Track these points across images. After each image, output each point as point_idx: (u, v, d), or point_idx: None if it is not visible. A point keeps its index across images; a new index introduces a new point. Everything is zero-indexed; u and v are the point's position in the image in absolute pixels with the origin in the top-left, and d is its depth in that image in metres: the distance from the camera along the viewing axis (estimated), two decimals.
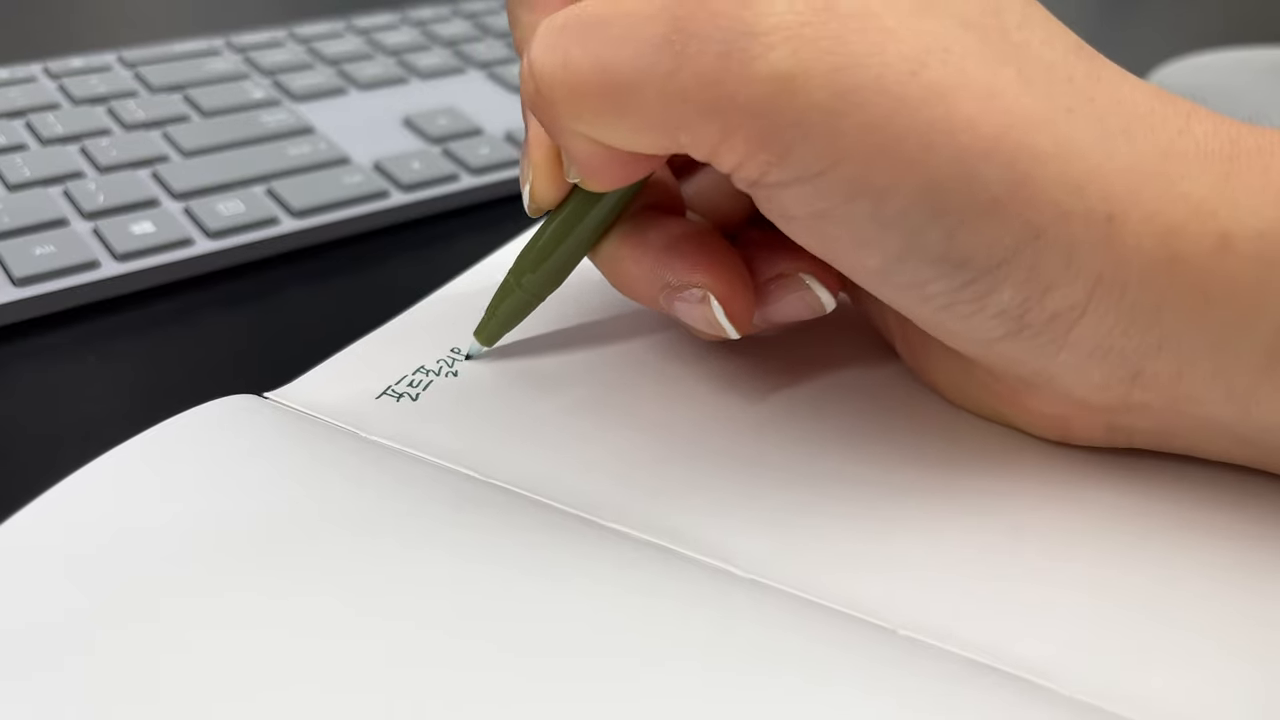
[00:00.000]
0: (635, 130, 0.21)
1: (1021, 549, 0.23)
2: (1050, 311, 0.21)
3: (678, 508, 0.24)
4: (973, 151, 0.20)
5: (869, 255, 0.21)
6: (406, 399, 0.26)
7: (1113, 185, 0.20)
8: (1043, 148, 0.20)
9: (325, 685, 0.19)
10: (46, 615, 0.20)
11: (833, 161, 0.20)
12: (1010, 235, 0.20)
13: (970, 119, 0.20)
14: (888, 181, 0.20)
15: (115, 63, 0.42)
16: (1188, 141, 0.21)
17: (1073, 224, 0.20)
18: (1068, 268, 0.21)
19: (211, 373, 0.29)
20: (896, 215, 0.20)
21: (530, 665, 0.19)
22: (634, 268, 0.25)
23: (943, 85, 0.20)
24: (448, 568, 0.21)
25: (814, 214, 0.21)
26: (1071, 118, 0.20)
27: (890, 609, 0.21)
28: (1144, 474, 0.25)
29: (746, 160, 0.21)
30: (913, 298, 0.22)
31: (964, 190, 0.20)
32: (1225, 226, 0.21)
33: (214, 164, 0.36)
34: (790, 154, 0.20)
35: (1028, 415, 0.25)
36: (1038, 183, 0.20)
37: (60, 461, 0.23)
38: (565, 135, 0.22)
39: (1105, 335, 0.22)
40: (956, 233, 0.20)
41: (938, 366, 0.26)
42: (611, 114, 0.21)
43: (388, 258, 0.34)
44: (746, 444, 0.25)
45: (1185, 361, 0.22)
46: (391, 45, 0.46)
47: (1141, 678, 0.20)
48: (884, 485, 0.24)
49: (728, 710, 0.19)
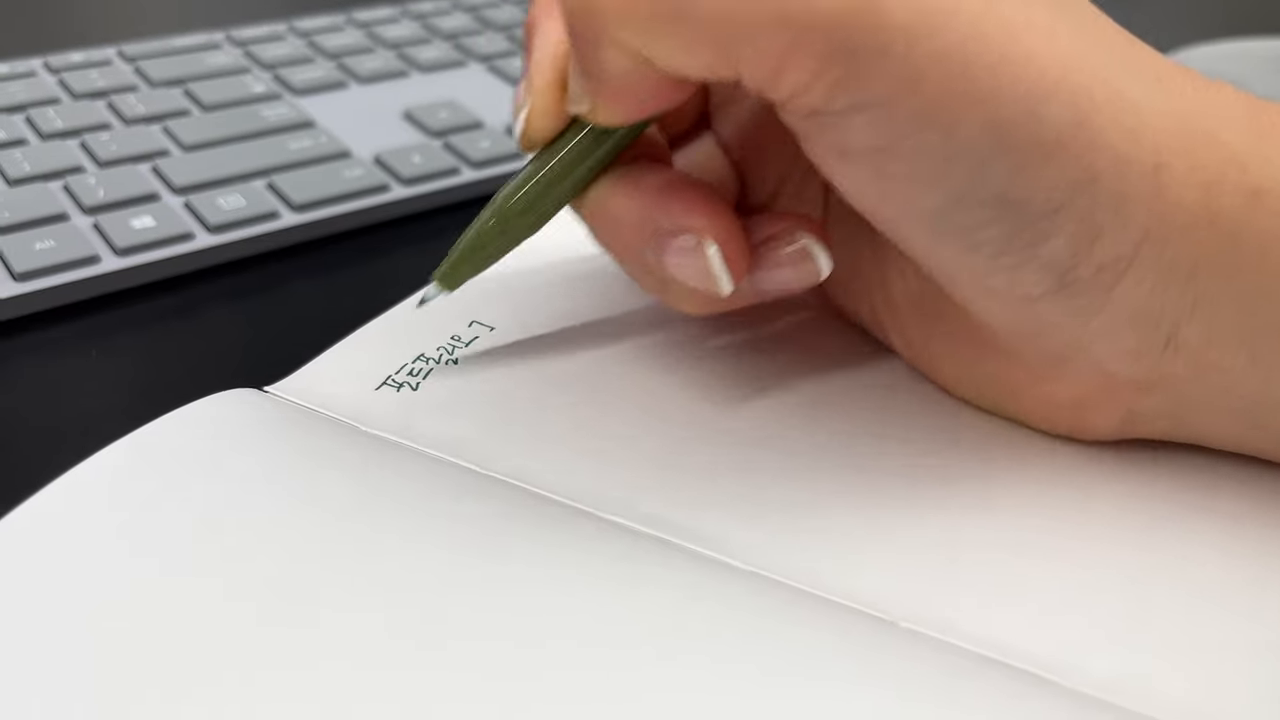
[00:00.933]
0: (691, 45, 0.20)
1: (1024, 541, 0.23)
2: (1097, 263, 0.21)
3: (678, 500, 0.24)
4: (1038, 90, 0.20)
5: (928, 194, 0.21)
6: (407, 389, 0.26)
7: (1161, 134, 0.21)
8: (1100, 94, 0.20)
9: (325, 677, 0.19)
10: (48, 610, 0.20)
11: (907, 85, 0.19)
12: (1067, 178, 0.20)
13: (1037, 59, 0.20)
14: (957, 115, 0.20)
15: (115, 57, 0.42)
16: (1218, 101, 0.22)
17: (1127, 172, 0.20)
18: (1117, 216, 0.21)
19: (212, 367, 0.29)
20: (962, 149, 0.20)
21: (529, 657, 0.19)
22: (625, 212, 0.24)
23: (1014, 22, 0.20)
24: (447, 561, 0.21)
25: (875, 148, 0.21)
26: (1125, 69, 0.21)
27: (891, 601, 0.21)
28: (1149, 465, 0.25)
29: (814, 81, 0.20)
30: (962, 245, 0.21)
31: (1028, 128, 0.20)
32: (1257, 182, 0.21)
33: (214, 158, 0.36)
34: (864, 74, 0.19)
35: (1041, 405, 0.25)
36: (1096, 126, 0.20)
37: (61, 456, 0.23)
38: (605, 48, 0.21)
39: (1145, 295, 0.21)
40: (1018, 172, 0.20)
41: (942, 358, 0.26)
42: (669, 22, 0.20)
43: (388, 251, 0.34)
44: (748, 437, 0.25)
45: (1215, 325, 0.22)
46: (392, 39, 0.46)
47: (1146, 670, 0.20)
48: (885, 477, 0.24)
49: (728, 702, 0.19)
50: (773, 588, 0.21)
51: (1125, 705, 0.19)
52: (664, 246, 0.23)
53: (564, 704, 0.19)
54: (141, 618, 0.20)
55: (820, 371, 0.27)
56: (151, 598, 0.20)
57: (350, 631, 0.20)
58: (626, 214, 0.24)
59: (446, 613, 0.20)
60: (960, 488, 0.24)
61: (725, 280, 0.23)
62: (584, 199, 0.25)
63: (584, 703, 0.19)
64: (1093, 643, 0.21)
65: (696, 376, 0.27)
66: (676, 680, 0.19)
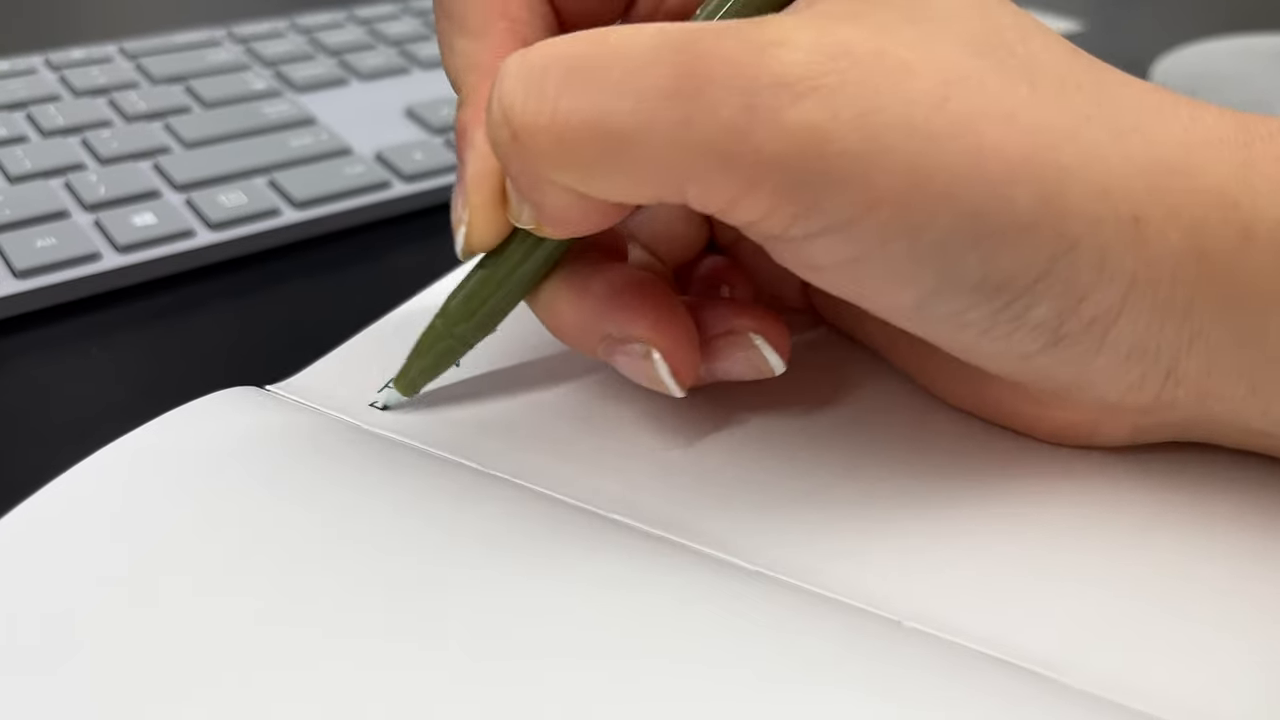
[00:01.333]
0: (633, 184, 0.20)
1: (1028, 540, 0.23)
2: (1088, 318, 0.21)
3: (681, 499, 0.23)
4: (1002, 177, 0.19)
5: (904, 293, 0.21)
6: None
7: (1133, 186, 0.20)
8: (1067, 161, 0.20)
9: (325, 676, 0.19)
10: (48, 607, 0.20)
11: (866, 208, 0.19)
12: (1046, 250, 0.20)
13: (996, 145, 0.19)
14: (923, 219, 0.19)
15: (116, 54, 0.42)
16: (1200, 129, 0.21)
17: (1103, 229, 0.20)
18: (1101, 272, 0.20)
19: (213, 365, 0.29)
20: (933, 249, 0.20)
21: (532, 656, 0.19)
22: (573, 316, 0.24)
23: (967, 115, 0.19)
24: (449, 560, 0.21)
25: (845, 261, 0.20)
26: (1090, 125, 0.20)
27: (896, 601, 0.21)
28: (1152, 465, 0.25)
29: (771, 213, 0.20)
30: (949, 327, 0.22)
31: (998, 215, 0.20)
32: (1247, 219, 0.20)
33: (215, 155, 0.36)
34: (821, 204, 0.19)
35: (1051, 425, 0.25)
36: (1067, 196, 0.20)
37: (62, 454, 0.23)
38: (541, 185, 0.21)
39: (1141, 334, 0.21)
40: (993, 257, 0.20)
41: (947, 384, 0.26)
42: (607, 167, 0.20)
43: (390, 248, 0.34)
44: (751, 435, 0.25)
45: (1213, 357, 0.22)
46: (393, 35, 0.46)
47: (1149, 669, 0.20)
48: (890, 476, 0.24)
49: (732, 701, 0.19)
50: (777, 587, 0.21)
51: (1129, 704, 0.19)
52: (612, 351, 0.23)
53: (567, 704, 0.19)
54: (142, 617, 0.20)
55: (821, 371, 0.27)
56: (152, 596, 0.20)
57: (351, 630, 0.20)
58: (576, 317, 0.24)
59: (448, 612, 0.20)
60: (965, 487, 0.24)
61: (674, 387, 0.23)
62: (535, 299, 0.24)
63: (587, 702, 0.19)
64: (1097, 641, 0.21)
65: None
66: (680, 679, 0.19)
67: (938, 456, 0.25)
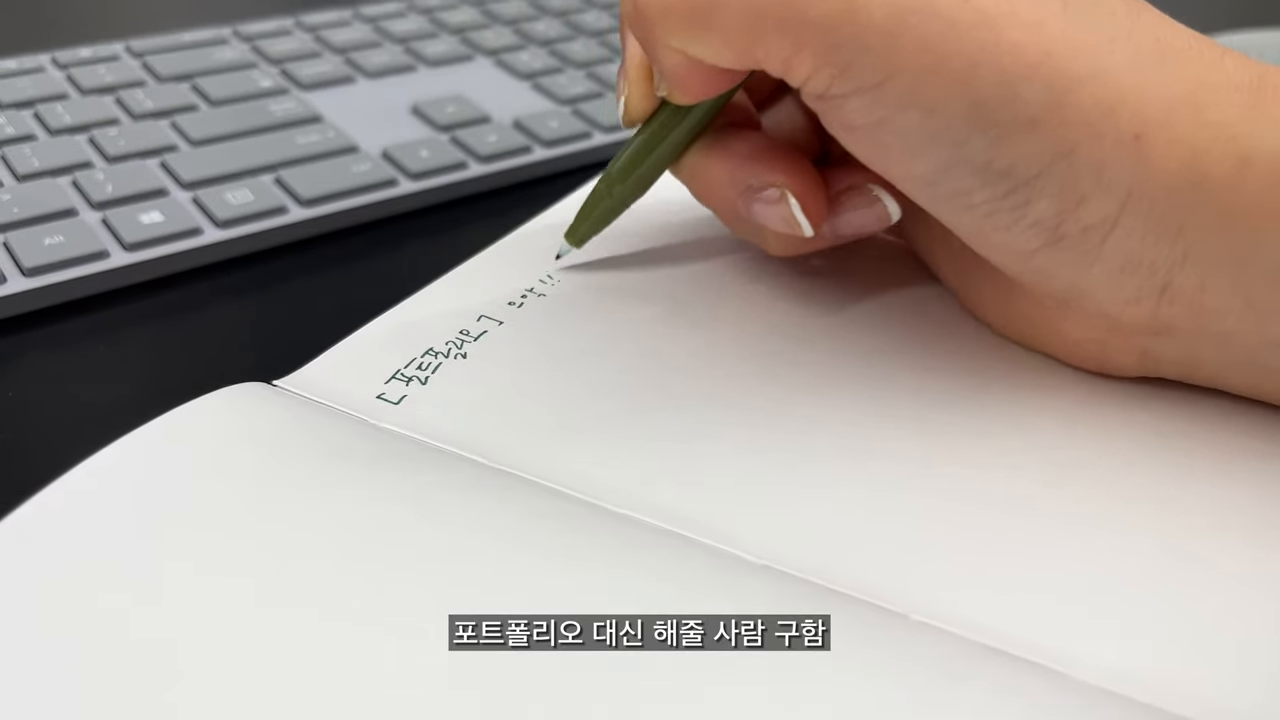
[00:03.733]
0: (718, 45, 0.24)
1: (1035, 532, 0.23)
2: (1084, 223, 0.23)
3: (689, 494, 0.24)
4: (1015, 73, 0.22)
5: (919, 163, 0.24)
6: (416, 382, 0.26)
7: (1144, 109, 0.22)
8: (1080, 72, 0.22)
9: (333, 671, 0.19)
10: (54, 603, 0.20)
11: (888, 74, 0.22)
12: (1046, 150, 0.22)
13: (1015, 43, 0.22)
14: (937, 96, 0.22)
15: (123, 52, 0.42)
16: (1219, 75, 0.23)
17: (1104, 142, 0.22)
18: (1099, 182, 0.23)
19: (220, 361, 0.29)
20: (944, 127, 0.23)
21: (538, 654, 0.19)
22: (718, 174, 0.28)
23: (991, 12, 0.22)
24: (457, 554, 0.21)
25: (872, 123, 0.23)
26: (1113, 47, 0.22)
27: (902, 593, 0.21)
28: (1162, 454, 0.25)
29: (814, 73, 0.23)
30: (957, 206, 0.24)
31: (1006, 107, 0.22)
32: (1245, 149, 0.22)
33: (222, 153, 0.36)
34: (852, 67, 0.23)
35: (1064, 342, 0.27)
36: (1073, 104, 0.22)
37: (70, 450, 0.23)
38: (658, 49, 0.25)
39: (1135, 247, 0.23)
40: (998, 145, 0.23)
41: (981, 292, 0.28)
42: (699, 30, 0.24)
43: (396, 246, 0.34)
44: (758, 431, 0.25)
45: (1208, 274, 0.23)
46: (399, 33, 0.46)
47: (1158, 661, 0.20)
48: (895, 469, 0.24)
49: (740, 693, 0.19)
50: (783, 580, 0.21)
51: (1136, 696, 0.19)
52: (752, 200, 0.27)
53: (570, 704, 0.19)
54: (149, 612, 0.20)
55: (822, 370, 0.27)
56: (159, 592, 0.20)
57: (360, 625, 0.20)
58: (719, 175, 0.28)
59: (456, 607, 0.20)
60: (970, 481, 0.24)
61: (806, 225, 0.27)
62: (681, 164, 0.28)
63: (591, 702, 0.19)
64: (1105, 634, 0.21)
65: (707, 370, 0.27)
66: (687, 674, 0.19)
67: (947, 450, 0.25)
